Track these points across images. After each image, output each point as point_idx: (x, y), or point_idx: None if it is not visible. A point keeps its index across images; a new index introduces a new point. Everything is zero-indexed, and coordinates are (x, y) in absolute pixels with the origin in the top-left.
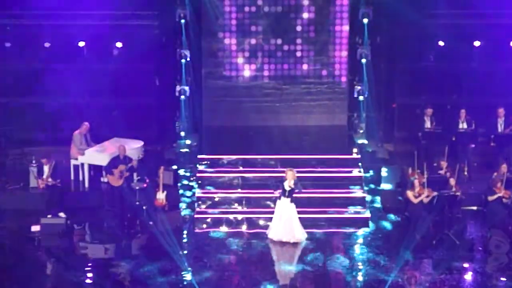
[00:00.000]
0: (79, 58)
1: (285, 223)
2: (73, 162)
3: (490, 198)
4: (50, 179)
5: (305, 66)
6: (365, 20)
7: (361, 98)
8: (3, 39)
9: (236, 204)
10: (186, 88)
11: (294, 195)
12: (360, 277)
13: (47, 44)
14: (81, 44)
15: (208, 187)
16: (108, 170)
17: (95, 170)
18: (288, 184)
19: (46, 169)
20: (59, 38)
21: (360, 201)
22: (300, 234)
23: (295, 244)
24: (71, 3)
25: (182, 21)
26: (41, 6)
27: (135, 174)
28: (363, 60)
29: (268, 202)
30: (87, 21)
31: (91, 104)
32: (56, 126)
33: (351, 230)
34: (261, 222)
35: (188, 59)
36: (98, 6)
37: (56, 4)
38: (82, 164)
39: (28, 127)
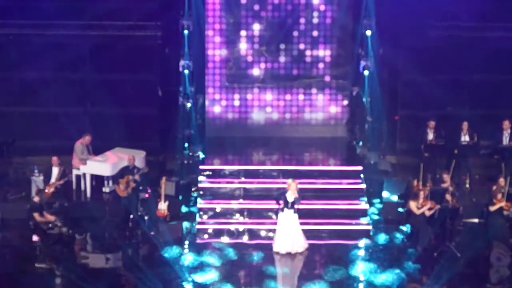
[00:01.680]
0: (81, 68)
1: (290, 235)
2: (75, 172)
3: (492, 208)
4: (60, 181)
5: (308, 77)
6: (368, 32)
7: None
8: (6, 48)
9: (237, 215)
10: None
11: (295, 206)
12: None
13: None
14: (84, 54)
15: (210, 198)
16: (115, 179)
17: (97, 180)
18: (291, 195)
19: (55, 171)
20: (62, 47)
21: (362, 213)
22: (303, 243)
23: (298, 255)
24: (74, 13)
25: (185, 31)
26: (44, 16)
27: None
28: (366, 72)
29: (270, 213)
30: (90, 32)
31: (93, 114)
32: (58, 136)
33: (352, 242)
34: (263, 233)
35: (191, 69)
36: (101, 16)
37: (59, 14)
38: (84, 174)
39: (31, 136)
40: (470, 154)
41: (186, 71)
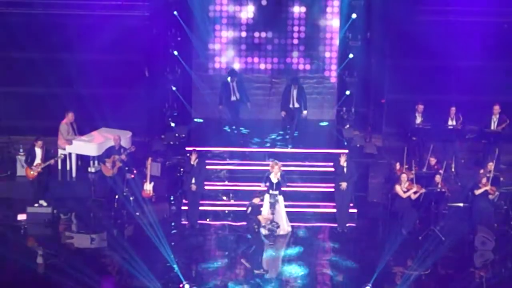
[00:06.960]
0: (68, 48)
1: (274, 217)
2: (60, 151)
3: (476, 192)
4: (43, 164)
5: (294, 60)
6: (354, 15)
7: (347, 92)
8: None
9: (223, 197)
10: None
11: (281, 188)
12: (344, 272)
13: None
14: (71, 33)
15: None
16: (101, 159)
17: (83, 159)
18: (275, 177)
19: (39, 152)
20: (48, 27)
21: None
22: (287, 226)
23: (281, 237)
24: None
25: (175, 12)
26: None
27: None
28: (351, 55)
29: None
30: (77, 11)
31: (80, 94)
32: (43, 115)
33: (336, 224)
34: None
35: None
36: None
37: None
38: (70, 154)
39: (15, 115)
40: (456, 138)
41: (176, 52)
